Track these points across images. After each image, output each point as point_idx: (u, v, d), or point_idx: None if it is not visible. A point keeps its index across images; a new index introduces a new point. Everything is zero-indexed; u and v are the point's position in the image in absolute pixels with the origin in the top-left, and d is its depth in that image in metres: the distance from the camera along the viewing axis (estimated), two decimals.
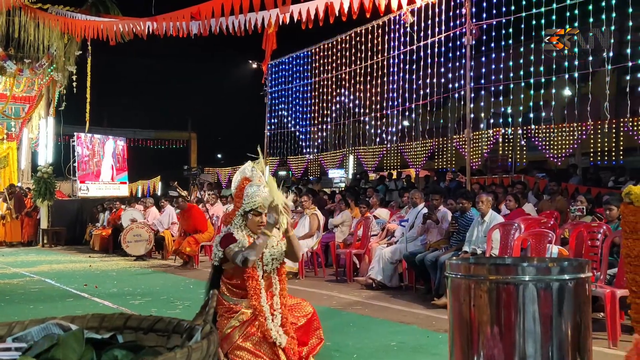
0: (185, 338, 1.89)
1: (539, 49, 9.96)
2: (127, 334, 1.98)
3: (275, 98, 16.90)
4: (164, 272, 11.91)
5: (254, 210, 4.31)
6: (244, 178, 4.50)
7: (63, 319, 1.94)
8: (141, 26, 12.19)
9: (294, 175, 26.53)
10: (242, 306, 4.23)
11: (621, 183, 12.83)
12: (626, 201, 3.48)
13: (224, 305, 4.28)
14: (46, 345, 1.75)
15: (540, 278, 2.65)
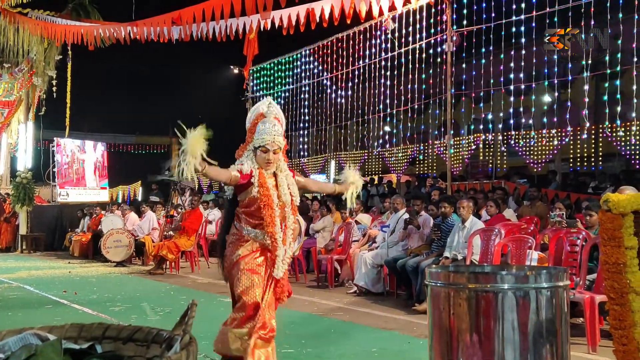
0: (164, 348, 1.88)
1: (519, 55, 10.04)
2: (106, 344, 1.96)
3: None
4: (144, 278, 11.83)
5: (262, 146, 4.36)
6: (259, 114, 4.52)
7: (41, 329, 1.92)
8: (122, 31, 12.13)
9: None
10: (252, 237, 4.35)
11: (600, 189, 12.97)
12: (604, 208, 3.51)
13: (236, 233, 4.40)
14: (24, 356, 1.73)
15: (519, 286, 2.67)
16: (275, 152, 4.36)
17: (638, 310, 3.35)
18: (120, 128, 34.75)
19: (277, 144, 4.35)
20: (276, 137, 4.36)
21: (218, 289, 10.15)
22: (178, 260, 12.58)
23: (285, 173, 4.48)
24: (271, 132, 4.37)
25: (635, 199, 3.49)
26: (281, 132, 4.41)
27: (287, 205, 4.43)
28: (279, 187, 4.40)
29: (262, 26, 11.25)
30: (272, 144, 4.34)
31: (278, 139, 4.36)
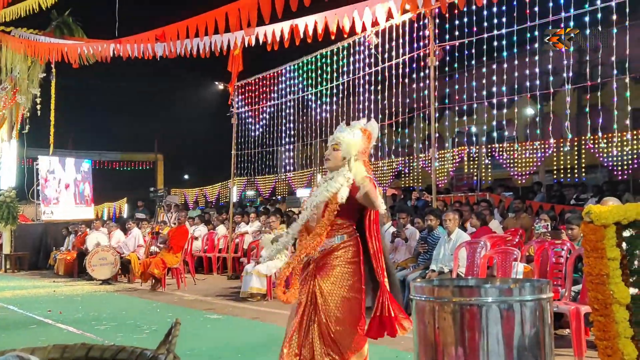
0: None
1: (501, 69, 10.14)
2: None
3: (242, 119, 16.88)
4: (130, 296, 11.75)
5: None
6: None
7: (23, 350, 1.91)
8: (105, 48, 12.12)
9: (261, 195, 26.46)
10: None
11: (583, 200, 13.07)
12: (586, 220, 3.54)
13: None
14: None
15: (503, 299, 2.69)
16: (334, 148, 4.31)
17: (622, 321, 3.38)
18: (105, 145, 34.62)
19: (336, 139, 4.31)
20: (339, 133, 4.32)
21: (204, 305, 10.10)
22: (164, 277, 12.51)
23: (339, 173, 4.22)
24: (339, 129, 4.40)
25: (617, 210, 3.53)
26: (350, 131, 4.31)
27: (317, 209, 4.22)
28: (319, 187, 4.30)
29: (246, 42, 11.28)
30: (332, 140, 4.36)
31: (341, 135, 4.29)
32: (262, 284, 10.55)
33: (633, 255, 3.48)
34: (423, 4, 8.90)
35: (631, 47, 8.14)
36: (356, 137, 4.28)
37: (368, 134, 4.36)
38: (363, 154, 4.31)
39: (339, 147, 4.26)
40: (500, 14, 9.38)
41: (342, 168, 4.23)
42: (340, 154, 4.26)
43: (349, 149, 4.22)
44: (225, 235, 15.49)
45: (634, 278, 3.47)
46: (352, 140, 4.25)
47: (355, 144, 4.25)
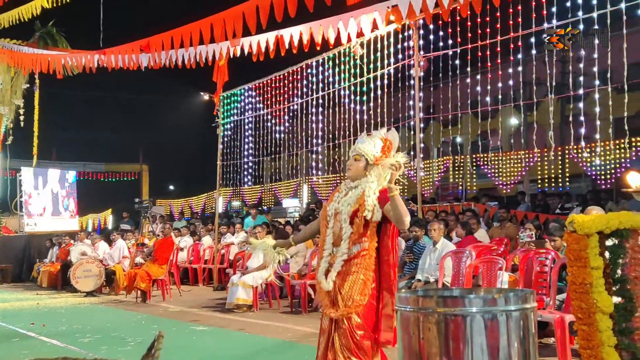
0: None
1: (485, 79, 10.21)
2: None
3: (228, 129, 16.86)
4: (115, 308, 11.67)
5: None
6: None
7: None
8: (90, 59, 12.08)
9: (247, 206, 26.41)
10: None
11: (567, 209, 13.16)
12: (570, 229, 3.57)
13: None
14: None
15: (487, 309, 2.70)
16: (355, 158, 4.37)
17: (605, 329, 3.40)
18: (90, 156, 34.43)
19: (357, 150, 4.38)
20: (359, 144, 4.40)
21: (190, 317, 10.05)
22: (150, 289, 12.42)
23: (364, 185, 4.27)
24: (358, 140, 4.47)
25: (600, 219, 3.55)
26: (369, 141, 4.38)
27: (340, 220, 4.29)
28: (343, 198, 4.35)
29: (231, 53, 11.29)
30: (352, 150, 4.43)
31: (360, 145, 4.37)
32: (248, 295, 10.50)
33: (615, 264, 3.51)
34: (407, 15, 8.96)
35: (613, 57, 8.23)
36: (377, 148, 4.34)
37: (389, 144, 4.40)
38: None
39: (360, 158, 4.33)
40: (484, 25, 9.45)
41: (364, 178, 4.31)
42: (361, 164, 4.33)
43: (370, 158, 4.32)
44: (211, 246, 15.43)
45: (617, 287, 3.50)
46: (372, 151, 4.32)
47: (375, 154, 4.33)
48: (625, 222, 3.49)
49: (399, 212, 3.98)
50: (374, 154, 4.32)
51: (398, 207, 3.97)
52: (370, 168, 4.32)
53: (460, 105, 11.22)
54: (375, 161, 4.31)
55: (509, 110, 18.53)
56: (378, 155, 4.32)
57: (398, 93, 12.18)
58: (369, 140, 4.38)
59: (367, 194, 4.20)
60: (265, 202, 25.90)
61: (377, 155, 4.32)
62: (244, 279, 10.55)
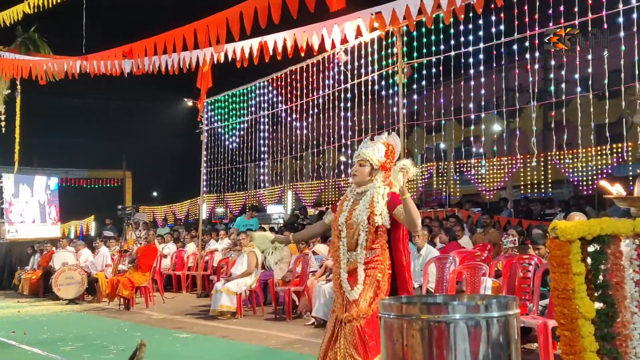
0: None
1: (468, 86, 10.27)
2: None
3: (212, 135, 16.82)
4: (97, 316, 11.57)
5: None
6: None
7: None
8: (72, 65, 12.00)
9: (231, 212, 26.34)
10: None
11: (550, 215, 13.25)
12: (552, 236, 3.58)
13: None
14: None
15: (470, 316, 2.71)
16: (360, 163, 4.42)
17: (587, 335, 3.42)
18: (72, 162, 34.20)
19: (361, 155, 4.42)
20: (363, 149, 4.43)
21: (174, 324, 9.99)
22: (133, 296, 12.33)
23: (372, 191, 4.33)
24: (362, 145, 4.50)
25: (582, 225, 3.57)
26: (372, 146, 4.43)
27: (357, 229, 4.32)
28: (355, 207, 4.38)
29: (215, 59, 11.26)
30: (357, 156, 4.46)
31: (364, 150, 4.41)
32: (232, 302, 10.46)
33: (597, 270, 3.53)
34: (391, 21, 8.99)
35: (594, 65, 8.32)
36: (380, 152, 4.39)
37: (391, 148, 4.45)
38: (390, 164, 4.42)
39: (365, 163, 4.39)
40: (467, 32, 9.52)
41: (371, 184, 4.37)
42: (366, 170, 4.39)
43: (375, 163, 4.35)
44: (195, 253, 15.36)
45: (599, 292, 3.51)
46: (376, 156, 4.38)
47: (380, 159, 4.38)
48: (607, 228, 3.51)
49: (411, 214, 4.09)
50: (378, 158, 4.39)
51: (410, 210, 4.08)
52: (375, 173, 4.40)
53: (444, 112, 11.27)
54: (380, 166, 4.39)
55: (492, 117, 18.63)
56: (382, 159, 4.40)
57: (382, 99, 12.22)
58: (372, 146, 4.44)
59: (376, 200, 4.29)
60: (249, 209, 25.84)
61: (382, 160, 4.40)
62: (227, 286, 10.51)
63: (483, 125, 13.96)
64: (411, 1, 8.63)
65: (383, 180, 4.37)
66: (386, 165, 4.40)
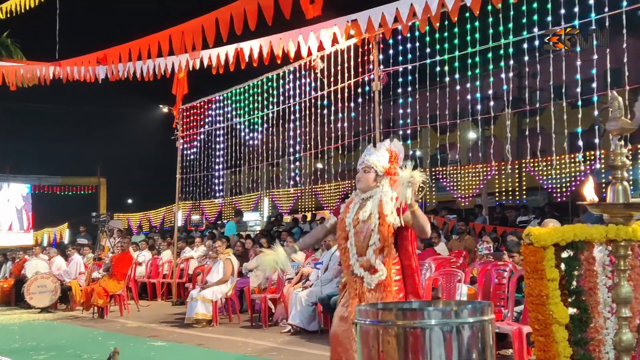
0: None
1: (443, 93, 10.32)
2: None
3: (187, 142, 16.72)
4: (70, 324, 11.43)
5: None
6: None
7: None
8: (44, 71, 11.86)
9: (207, 220, 26.19)
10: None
11: (524, 222, 13.37)
12: (526, 242, 3.61)
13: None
14: None
15: (446, 322, 2.72)
16: (364, 170, 4.47)
17: (561, 340, 3.45)
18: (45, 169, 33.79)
19: (365, 162, 4.48)
20: (366, 155, 4.50)
21: (148, 332, 9.90)
22: (108, 306, 12.19)
23: (380, 194, 4.38)
24: (365, 152, 4.57)
25: (555, 232, 3.61)
26: (376, 152, 4.50)
27: (367, 230, 4.35)
28: (362, 208, 4.42)
29: (191, 66, 11.22)
30: (361, 162, 4.52)
31: (368, 157, 4.48)
32: (208, 310, 10.39)
33: (571, 275, 3.57)
34: (366, 29, 9.04)
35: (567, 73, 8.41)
36: (384, 159, 4.46)
37: (394, 155, 4.51)
38: (394, 169, 4.47)
39: (369, 170, 4.45)
40: (442, 40, 9.57)
41: (377, 189, 4.41)
42: (371, 176, 4.44)
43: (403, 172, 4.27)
44: (170, 261, 15.23)
45: (572, 298, 3.55)
46: (381, 162, 4.44)
47: (384, 165, 4.44)
48: (580, 234, 3.55)
49: (420, 222, 4.22)
50: (382, 164, 4.45)
51: (419, 218, 4.21)
52: (380, 179, 4.45)
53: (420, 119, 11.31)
54: (384, 172, 4.44)
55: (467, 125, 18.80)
56: (387, 166, 4.46)
57: (358, 107, 12.24)
58: (376, 152, 4.51)
59: (385, 201, 4.34)
60: (226, 216, 25.73)
61: (386, 166, 4.46)
62: (203, 294, 10.44)
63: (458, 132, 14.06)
64: (387, 9, 8.69)
65: (390, 185, 4.41)
66: (391, 171, 4.46)
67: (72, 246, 16.33)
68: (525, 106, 9.91)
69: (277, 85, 13.24)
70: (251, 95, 14.33)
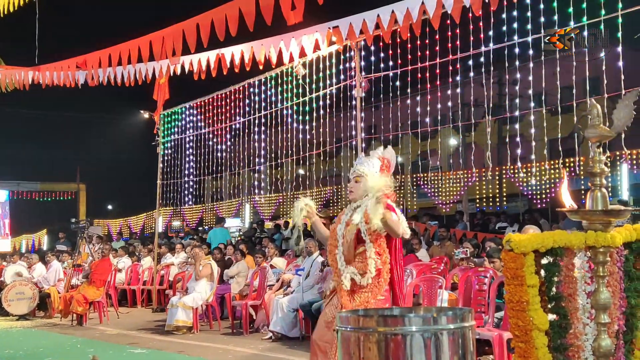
0: None
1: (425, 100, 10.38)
2: None
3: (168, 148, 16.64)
4: (49, 332, 11.29)
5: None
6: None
7: None
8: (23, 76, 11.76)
9: (188, 226, 26.06)
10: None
11: (504, 228, 13.46)
12: (507, 248, 3.62)
13: None
14: None
15: (427, 328, 2.72)
16: (355, 180, 4.47)
17: (541, 346, 3.46)
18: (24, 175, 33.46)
19: (357, 171, 4.48)
20: (357, 165, 4.50)
21: (128, 340, 9.81)
22: (86, 312, 12.07)
23: (366, 203, 4.35)
24: (356, 162, 4.58)
25: (536, 238, 3.62)
26: (367, 162, 4.49)
27: (349, 240, 4.38)
28: (352, 219, 4.41)
29: (172, 71, 11.18)
30: (353, 172, 4.51)
31: (359, 166, 4.47)
32: (188, 317, 10.33)
33: (551, 282, 3.58)
34: (348, 35, 9.06)
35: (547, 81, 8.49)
36: (375, 167, 4.45)
37: (386, 162, 4.54)
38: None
39: (360, 179, 4.43)
40: (424, 47, 9.63)
41: (366, 197, 4.37)
42: (361, 185, 4.42)
43: (370, 182, 4.30)
44: (150, 267, 15.11)
45: (552, 304, 3.56)
46: (372, 172, 4.42)
47: (375, 175, 4.41)
48: (560, 240, 3.57)
49: (390, 226, 4.23)
50: (374, 173, 4.43)
51: (388, 224, 4.21)
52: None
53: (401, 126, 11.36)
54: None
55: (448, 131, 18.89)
56: (378, 174, 4.43)
57: (340, 113, 12.27)
58: (367, 161, 4.51)
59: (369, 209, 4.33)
60: (207, 222, 25.62)
61: (377, 174, 4.44)
62: (183, 300, 10.38)
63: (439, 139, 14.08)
64: (368, 16, 8.72)
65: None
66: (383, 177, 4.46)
67: (51, 252, 16.15)
68: (505, 113, 9.99)
69: (259, 91, 13.24)
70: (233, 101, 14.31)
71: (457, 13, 8.09)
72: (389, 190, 4.23)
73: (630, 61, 8.38)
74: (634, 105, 3.66)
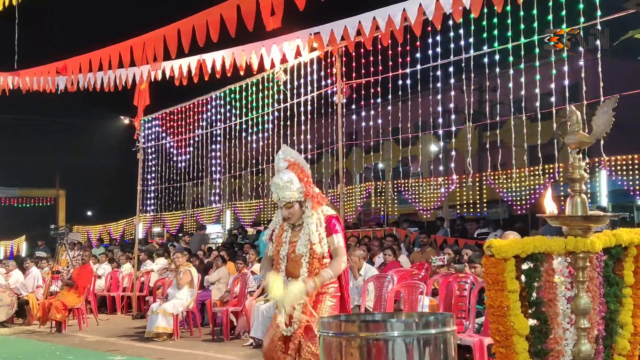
0: None
1: (406, 106, 10.43)
2: None
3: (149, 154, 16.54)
4: (27, 339, 11.16)
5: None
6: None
7: None
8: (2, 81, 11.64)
9: (168, 232, 25.91)
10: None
11: (484, 234, 13.53)
12: (488, 254, 3.64)
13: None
14: None
15: (408, 333, 2.72)
16: (287, 206, 4.33)
17: (522, 351, 3.48)
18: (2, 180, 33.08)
19: (283, 200, 4.31)
20: (280, 193, 4.31)
21: (108, 346, 9.72)
22: (66, 320, 11.94)
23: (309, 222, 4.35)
24: (275, 188, 4.35)
25: (516, 244, 3.65)
26: (286, 184, 4.30)
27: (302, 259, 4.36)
28: (298, 239, 4.37)
29: (152, 77, 11.13)
30: (279, 201, 4.34)
31: (283, 194, 4.30)
32: (169, 323, 10.26)
33: (531, 287, 3.61)
34: (329, 42, 9.08)
35: (526, 87, 8.56)
36: (295, 183, 4.32)
37: (298, 167, 4.43)
38: (309, 185, 4.40)
39: (291, 205, 4.31)
40: (404, 54, 9.67)
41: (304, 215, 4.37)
42: (295, 208, 4.34)
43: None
44: (130, 274, 14.99)
45: (532, 309, 3.59)
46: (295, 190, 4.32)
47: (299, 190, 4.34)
48: (540, 246, 3.60)
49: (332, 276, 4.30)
50: (298, 192, 4.34)
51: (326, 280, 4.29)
52: (304, 202, 4.39)
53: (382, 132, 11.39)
54: (304, 195, 4.37)
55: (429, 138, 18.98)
56: (302, 189, 4.35)
57: (321, 119, 12.28)
58: (283, 185, 4.32)
59: (313, 230, 4.32)
60: (187, 228, 25.49)
61: (301, 189, 4.35)
62: (164, 307, 10.30)
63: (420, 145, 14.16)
64: (349, 22, 8.75)
65: (313, 207, 4.39)
66: (308, 188, 4.38)
67: (29, 259, 15.97)
68: (485, 119, 10.05)
69: (240, 97, 13.21)
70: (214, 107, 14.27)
71: (438, 20, 8.14)
72: (303, 299, 4.21)
73: (609, 68, 8.47)
74: (612, 112, 3.70)
